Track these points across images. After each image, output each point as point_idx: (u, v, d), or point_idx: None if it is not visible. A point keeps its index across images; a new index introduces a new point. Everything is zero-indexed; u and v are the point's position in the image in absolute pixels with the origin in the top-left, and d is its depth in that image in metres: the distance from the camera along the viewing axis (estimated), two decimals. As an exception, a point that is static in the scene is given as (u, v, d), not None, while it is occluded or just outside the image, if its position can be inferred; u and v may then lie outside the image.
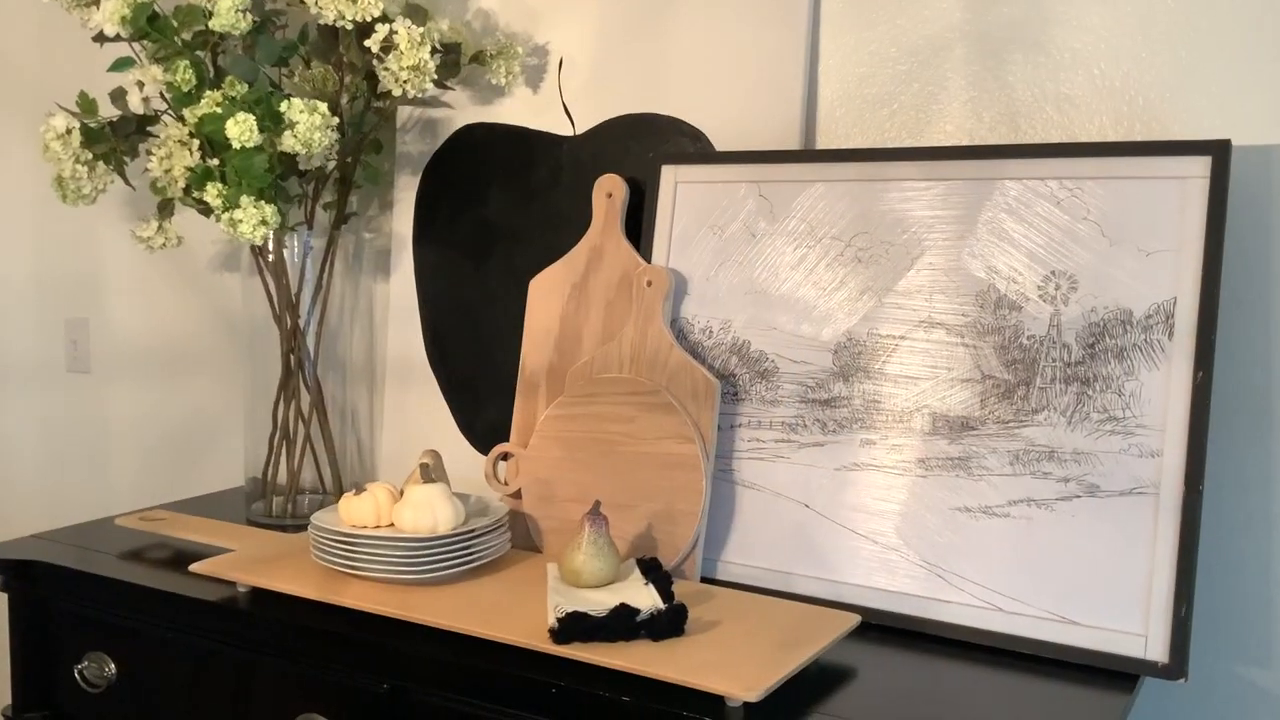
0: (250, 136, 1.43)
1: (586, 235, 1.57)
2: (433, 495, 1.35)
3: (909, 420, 1.34)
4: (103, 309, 2.25)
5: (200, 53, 1.58)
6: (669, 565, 1.36)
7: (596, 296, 1.55)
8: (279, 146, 1.49)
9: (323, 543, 1.37)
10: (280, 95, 1.51)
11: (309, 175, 1.67)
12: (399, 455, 1.81)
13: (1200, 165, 1.23)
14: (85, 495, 2.28)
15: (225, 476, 2.05)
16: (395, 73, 1.53)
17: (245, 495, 1.80)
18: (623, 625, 1.17)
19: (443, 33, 1.61)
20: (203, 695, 1.40)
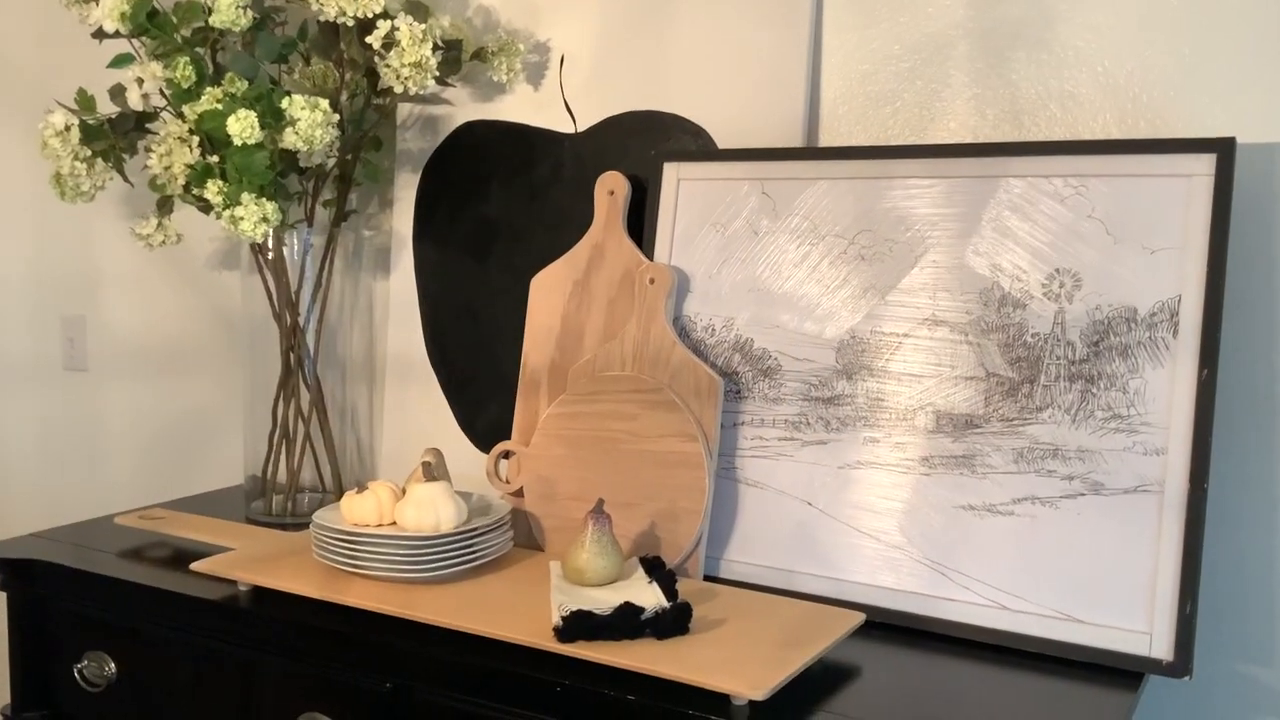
0: (252, 133, 1.43)
1: (588, 233, 1.56)
2: (435, 493, 1.35)
3: (913, 418, 1.34)
4: (100, 306, 2.24)
5: (200, 49, 1.58)
6: (672, 564, 1.36)
7: (598, 294, 1.55)
8: (280, 143, 1.48)
9: (325, 541, 1.36)
10: (281, 92, 1.51)
11: (309, 173, 1.66)
12: (399, 453, 1.80)
13: (1205, 163, 1.22)
14: (82, 494, 2.27)
15: (223, 475, 2.04)
16: (397, 69, 1.52)
17: (245, 494, 1.79)
18: (627, 624, 1.16)
19: (444, 29, 1.60)
20: (204, 695, 1.40)
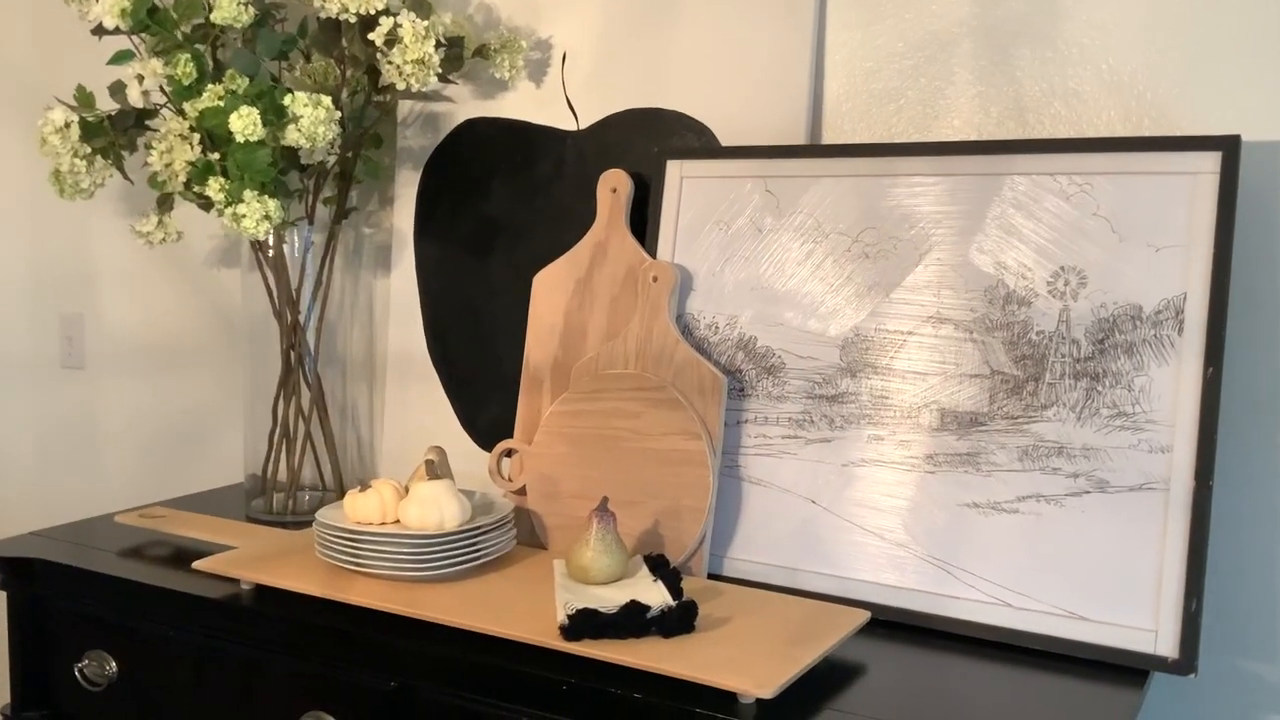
0: (254, 130, 1.42)
1: (591, 230, 1.56)
2: (439, 492, 1.34)
3: (917, 416, 1.34)
4: (98, 304, 2.23)
5: (200, 46, 1.57)
6: (676, 562, 1.36)
7: (601, 292, 1.54)
8: (282, 140, 1.47)
9: (328, 539, 1.36)
10: (283, 89, 1.50)
11: (310, 170, 1.66)
12: (400, 452, 1.80)
13: (1210, 160, 1.22)
14: (80, 493, 2.26)
15: (222, 474, 2.04)
16: (399, 66, 1.51)
17: (245, 492, 1.78)
18: (633, 622, 1.16)
19: (446, 26, 1.60)
20: (206, 694, 1.39)
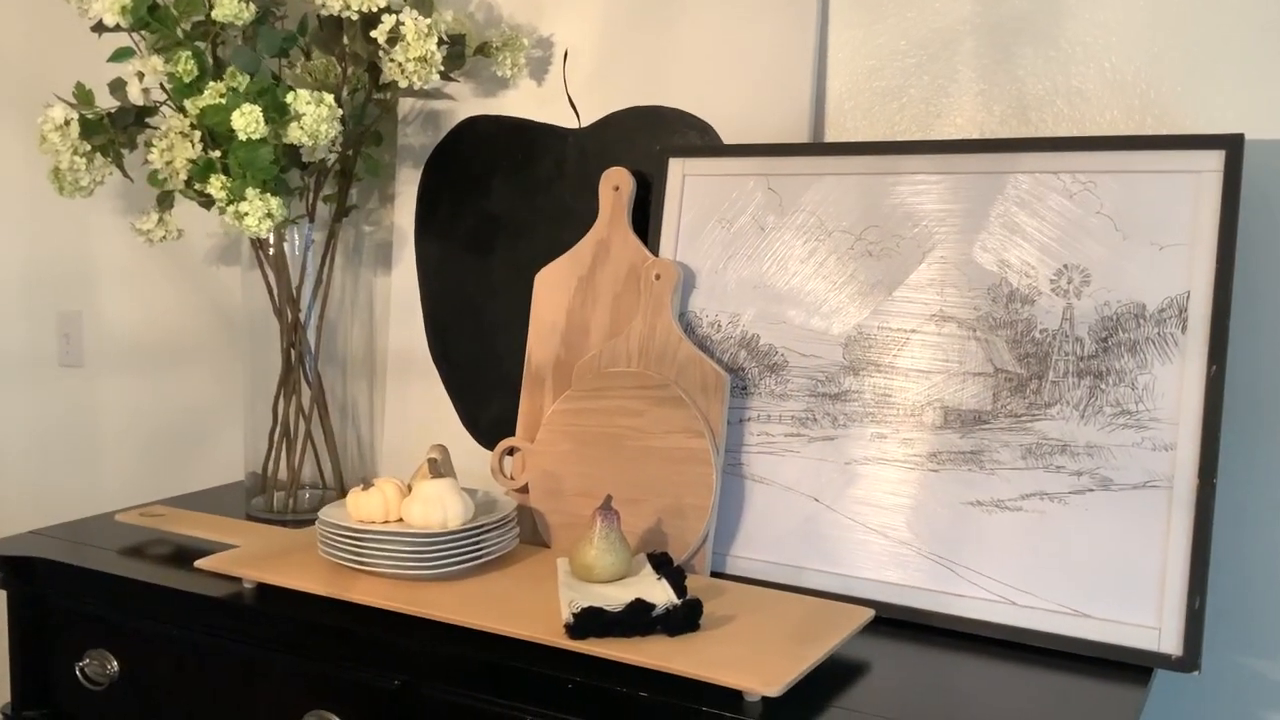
0: (256, 128, 1.42)
1: (593, 228, 1.56)
2: (442, 490, 1.34)
3: (920, 414, 1.34)
4: (96, 302, 2.23)
5: (200, 43, 1.57)
6: (679, 560, 1.36)
7: (603, 290, 1.54)
8: (284, 138, 1.47)
9: (330, 538, 1.35)
10: (285, 87, 1.50)
11: (311, 168, 1.65)
12: (400, 450, 1.79)
13: (1214, 159, 1.22)
14: (77, 491, 2.26)
15: (220, 472, 2.03)
16: (401, 64, 1.51)
17: (245, 490, 1.78)
18: (639, 620, 1.16)
19: (448, 24, 1.59)
20: (208, 693, 1.39)
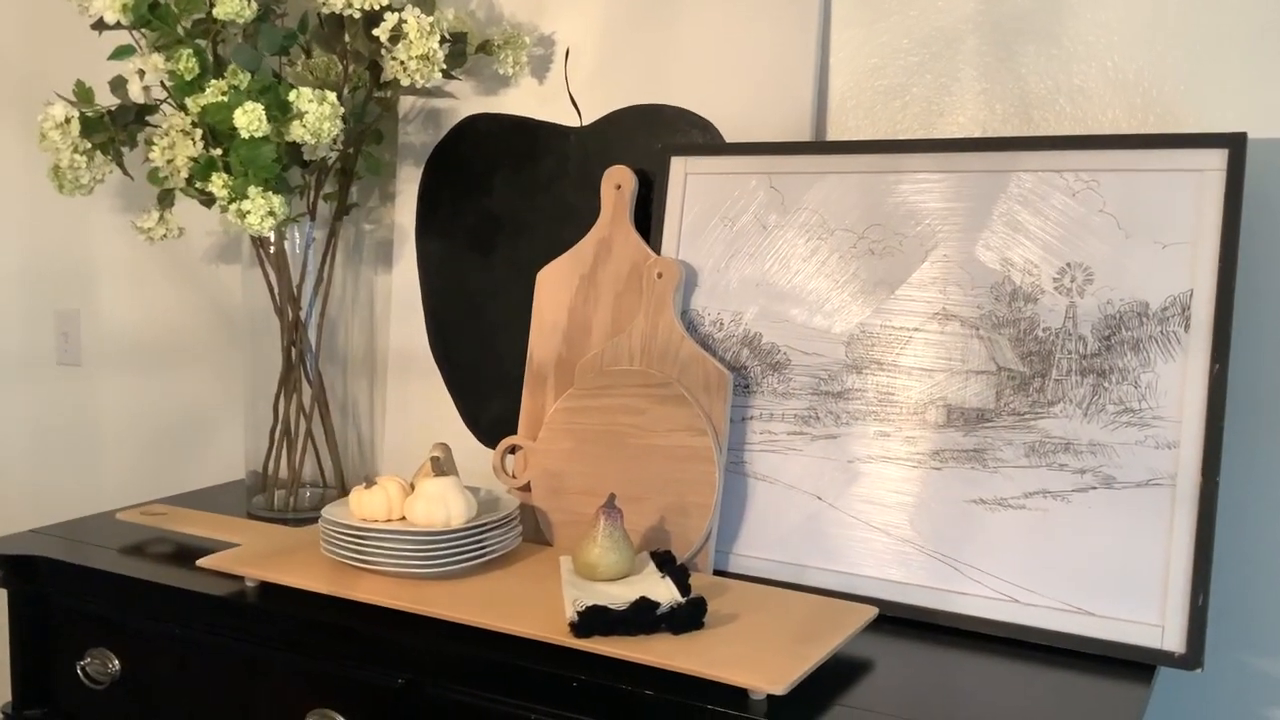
0: (259, 126, 1.41)
1: (595, 227, 1.56)
2: (445, 488, 1.34)
3: (923, 412, 1.34)
4: (94, 300, 2.22)
5: (201, 41, 1.56)
6: (681, 558, 1.36)
7: (605, 288, 1.54)
8: (286, 136, 1.47)
9: (333, 536, 1.35)
10: (287, 85, 1.49)
11: (312, 166, 1.65)
12: (401, 449, 1.79)
13: (1217, 158, 1.23)
14: (75, 490, 2.25)
15: (219, 471, 2.03)
16: (404, 62, 1.51)
17: (246, 489, 1.78)
18: (643, 619, 1.16)
19: (449, 22, 1.59)
20: (211, 692, 1.39)
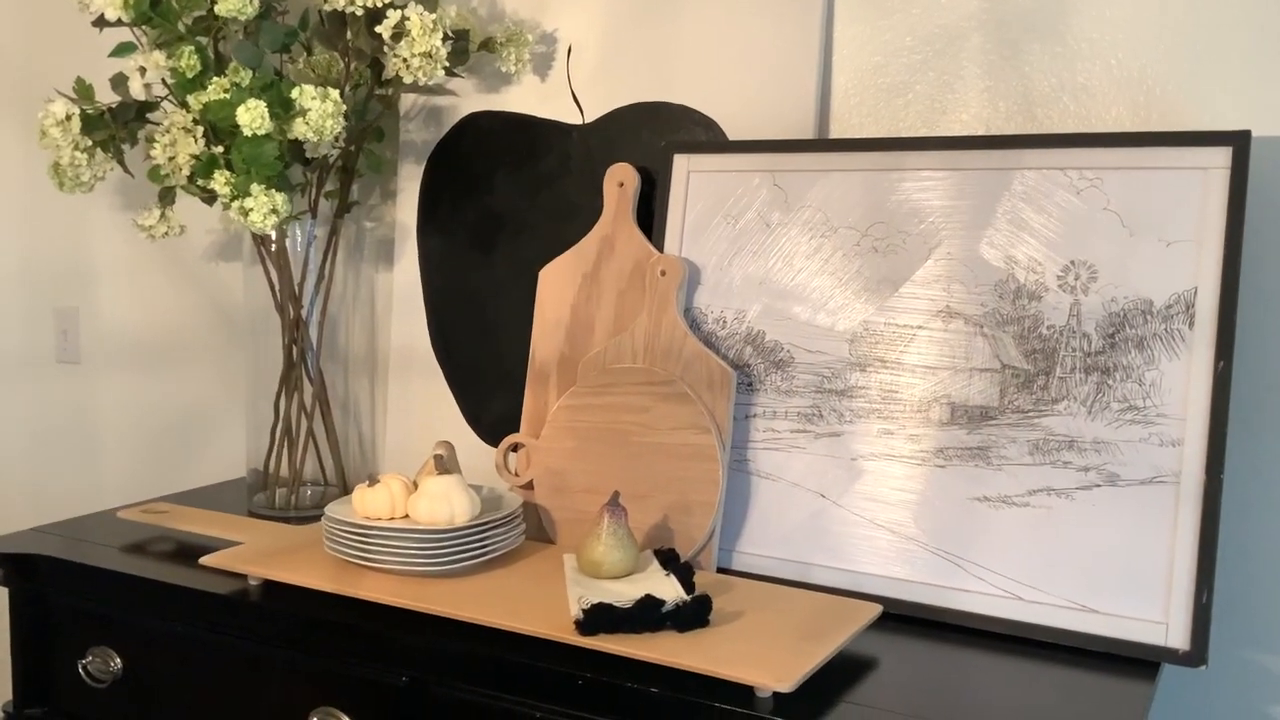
0: (262, 124, 1.41)
1: (597, 224, 1.56)
2: (449, 486, 1.34)
3: (927, 410, 1.34)
4: (93, 298, 2.22)
5: (202, 38, 1.56)
6: (685, 556, 1.36)
7: (608, 286, 1.54)
8: (289, 134, 1.46)
9: (337, 534, 1.35)
10: (289, 82, 1.49)
11: (314, 164, 1.65)
12: (403, 447, 1.79)
13: (1221, 156, 1.23)
14: (74, 489, 2.25)
15: (218, 469, 2.03)
16: (406, 60, 1.50)
17: (247, 487, 1.78)
18: (649, 616, 1.16)
19: (451, 19, 1.59)
20: (213, 691, 1.38)
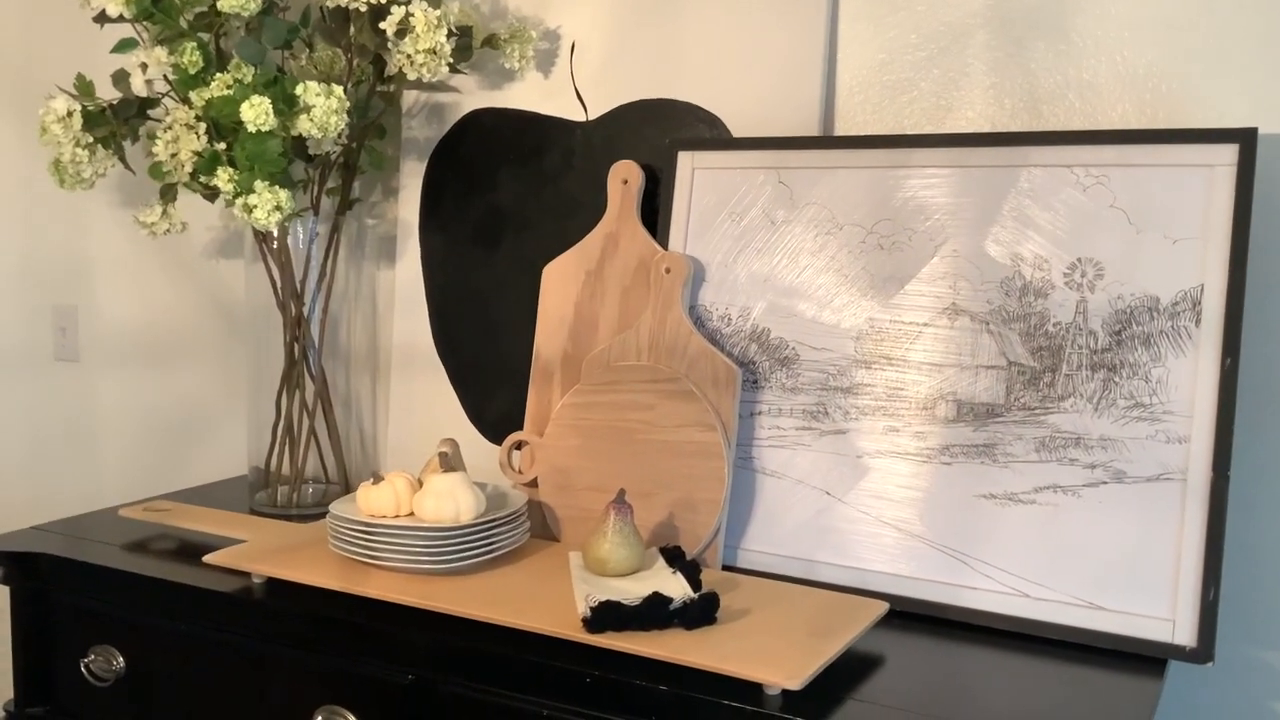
0: (265, 120, 1.40)
1: (602, 222, 1.55)
2: (454, 484, 1.34)
3: (933, 407, 1.34)
4: (92, 296, 2.21)
5: (204, 35, 1.55)
6: (691, 554, 1.36)
7: (612, 284, 1.54)
8: (293, 131, 1.46)
9: (342, 532, 1.35)
10: (292, 79, 1.49)
11: (316, 160, 1.64)
12: (405, 445, 1.79)
13: (1227, 153, 1.23)
14: (74, 487, 2.24)
15: (218, 468, 2.02)
16: (410, 56, 1.50)
17: (249, 485, 1.77)
18: (656, 614, 1.16)
19: (455, 16, 1.58)
20: (217, 689, 1.38)
